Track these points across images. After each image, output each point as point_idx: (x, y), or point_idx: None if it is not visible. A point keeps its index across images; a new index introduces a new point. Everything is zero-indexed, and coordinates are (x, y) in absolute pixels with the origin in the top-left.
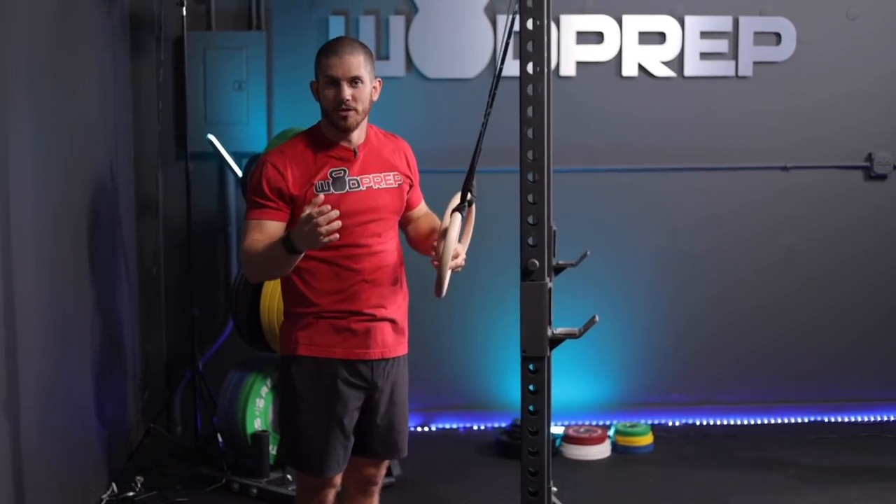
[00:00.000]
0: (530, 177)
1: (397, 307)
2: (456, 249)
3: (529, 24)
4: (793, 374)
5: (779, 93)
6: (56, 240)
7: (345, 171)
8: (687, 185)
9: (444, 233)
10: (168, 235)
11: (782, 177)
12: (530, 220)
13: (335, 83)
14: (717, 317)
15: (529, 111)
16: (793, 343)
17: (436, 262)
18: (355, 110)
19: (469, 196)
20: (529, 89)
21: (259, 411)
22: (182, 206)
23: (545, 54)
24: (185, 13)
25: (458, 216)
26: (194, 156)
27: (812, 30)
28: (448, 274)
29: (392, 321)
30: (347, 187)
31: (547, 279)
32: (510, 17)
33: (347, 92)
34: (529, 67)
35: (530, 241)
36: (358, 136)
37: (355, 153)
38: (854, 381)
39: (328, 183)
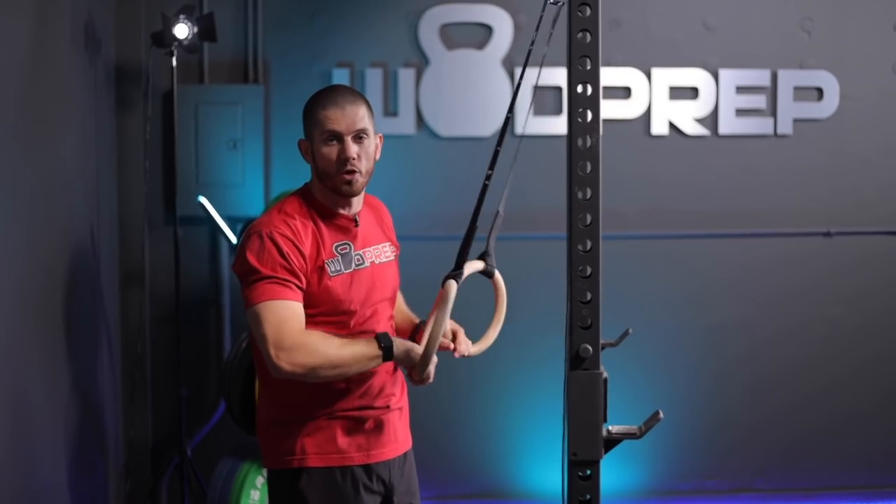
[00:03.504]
0: (583, 245)
1: (402, 392)
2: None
3: (585, 62)
4: (838, 458)
5: (821, 152)
6: (20, 315)
7: (350, 246)
8: (721, 251)
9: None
10: (154, 308)
11: (825, 243)
12: (582, 297)
13: (337, 138)
14: (755, 397)
15: (582, 168)
16: (838, 425)
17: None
18: (360, 172)
19: (485, 265)
20: (582, 142)
21: None
22: (170, 276)
23: (599, 97)
24: (175, 64)
25: (453, 283)
26: (184, 220)
27: (856, 84)
28: (433, 354)
29: (400, 409)
30: (353, 265)
31: (602, 368)
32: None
33: (353, 149)
34: (584, 115)
35: (582, 322)
36: (357, 203)
37: (356, 223)
38: None
39: (338, 261)
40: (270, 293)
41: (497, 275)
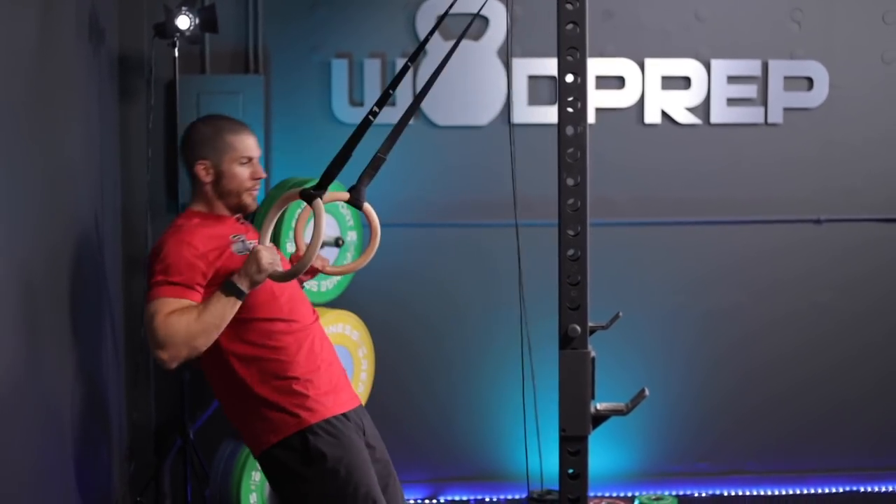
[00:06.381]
0: (573, 230)
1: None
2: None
3: (574, 53)
4: (830, 441)
5: (811, 141)
6: (29, 299)
7: (243, 237)
8: (712, 238)
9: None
10: None
11: (815, 230)
12: (570, 279)
13: (251, 162)
14: (748, 382)
15: (570, 155)
16: (830, 410)
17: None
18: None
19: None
20: (571, 129)
21: (255, 485)
22: None
23: (586, 88)
24: (177, 55)
25: (319, 201)
26: (186, 208)
27: (846, 74)
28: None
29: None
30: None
31: (590, 347)
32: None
33: (259, 168)
34: (573, 104)
35: (571, 303)
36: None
37: (242, 222)
38: (893, 449)
39: (239, 244)
40: (165, 291)
41: (367, 206)
